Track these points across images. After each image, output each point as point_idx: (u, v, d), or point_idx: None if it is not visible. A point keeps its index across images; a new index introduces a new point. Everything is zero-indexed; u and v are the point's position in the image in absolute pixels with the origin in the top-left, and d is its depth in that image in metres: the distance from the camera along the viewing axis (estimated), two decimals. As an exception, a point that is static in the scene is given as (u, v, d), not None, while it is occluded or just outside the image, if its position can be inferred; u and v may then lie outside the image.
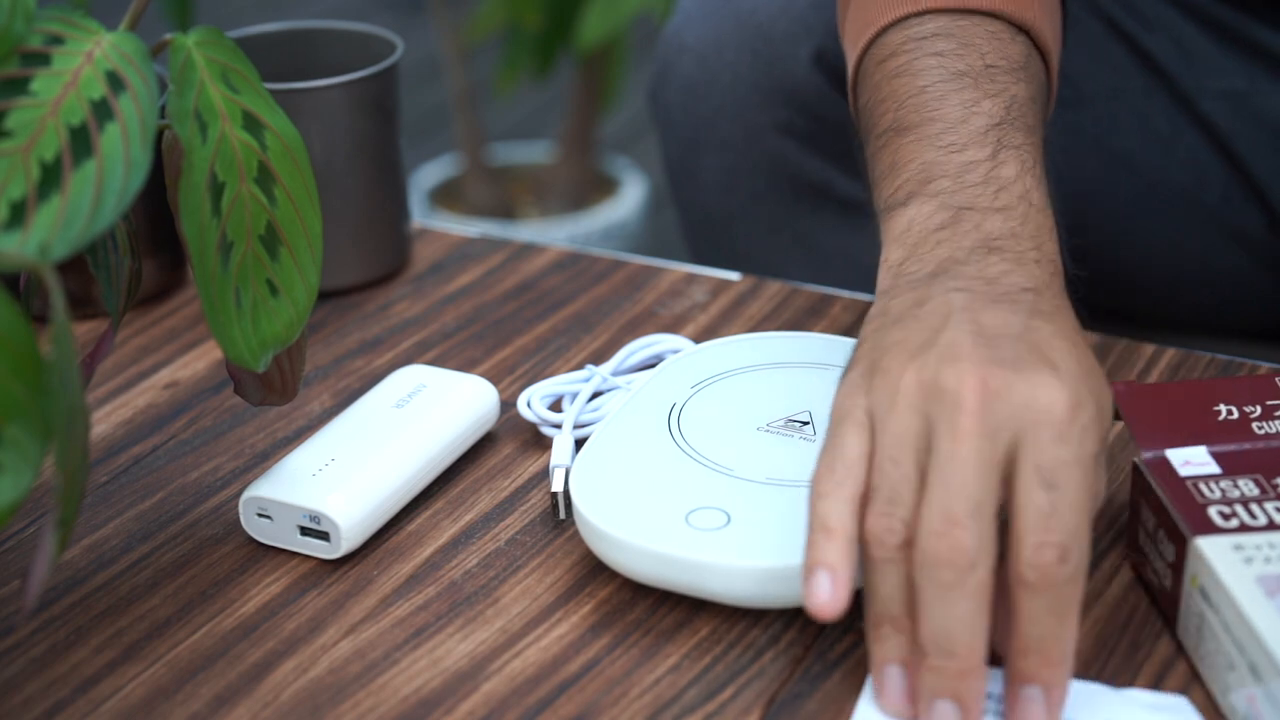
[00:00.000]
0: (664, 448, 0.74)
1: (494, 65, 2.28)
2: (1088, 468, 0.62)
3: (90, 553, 0.75)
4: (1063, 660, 0.61)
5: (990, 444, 0.62)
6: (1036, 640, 0.61)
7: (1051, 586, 0.60)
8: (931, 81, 0.76)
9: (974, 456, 0.62)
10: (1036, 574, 0.60)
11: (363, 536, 0.74)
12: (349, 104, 0.92)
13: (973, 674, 0.61)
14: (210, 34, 0.68)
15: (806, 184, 1.08)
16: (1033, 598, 0.61)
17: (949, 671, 0.61)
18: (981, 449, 0.62)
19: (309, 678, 0.68)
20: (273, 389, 0.74)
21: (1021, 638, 0.61)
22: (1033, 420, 0.62)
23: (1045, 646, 0.61)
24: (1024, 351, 0.64)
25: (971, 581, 0.60)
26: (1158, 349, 0.87)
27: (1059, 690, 0.61)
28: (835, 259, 1.09)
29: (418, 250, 0.99)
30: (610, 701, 0.66)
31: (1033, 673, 0.61)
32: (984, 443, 0.62)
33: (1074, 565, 0.61)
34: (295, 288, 0.70)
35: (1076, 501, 0.61)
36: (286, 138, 0.69)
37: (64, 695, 0.67)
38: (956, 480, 0.61)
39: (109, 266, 0.71)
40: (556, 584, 0.72)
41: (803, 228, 1.10)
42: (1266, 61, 1.04)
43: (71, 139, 0.61)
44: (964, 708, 0.61)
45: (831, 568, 0.62)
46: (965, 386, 0.63)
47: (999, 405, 0.62)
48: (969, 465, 0.62)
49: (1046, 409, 0.62)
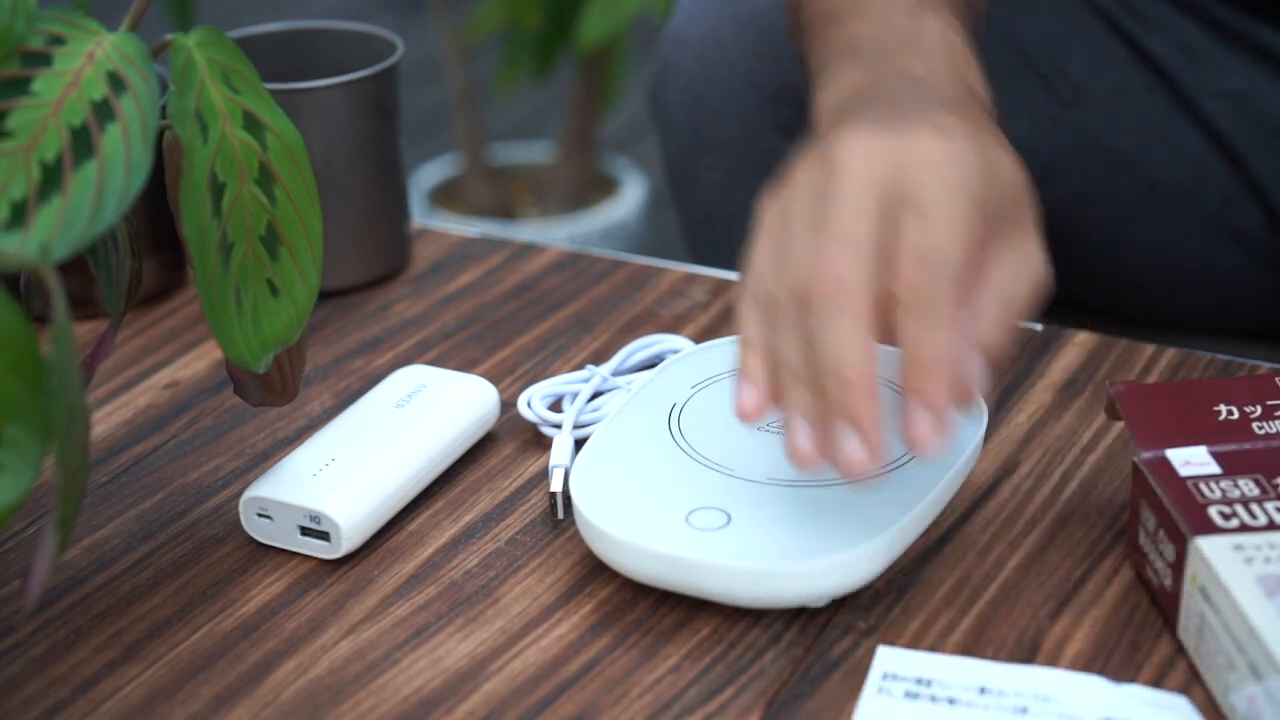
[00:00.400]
0: (664, 448, 0.74)
1: (494, 65, 2.28)
2: (961, 204, 0.66)
3: (90, 553, 0.75)
4: (941, 375, 0.65)
5: (868, 188, 0.66)
6: (916, 357, 0.65)
7: (924, 305, 0.64)
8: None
9: (849, 198, 0.66)
10: (909, 294, 0.64)
11: (363, 536, 0.74)
12: (349, 104, 0.92)
13: (865, 393, 0.64)
14: (211, 34, 0.68)
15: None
16: (908, 318, 0.65)
17: (840, 393, 0.64)
18: (858, 193, 0.66)
19: (309, 678, 0.68)
20: (273, 389, 0.74)
21: (906, 359, 0.65)
22: (913, 163, 0.67)
23: (924, 361, 0.65)
24: (914, 123, 0.69)
25: (850, 305, 0.64)
26: (1158, 349, 0.87)
27: (941, 401, 0.65)
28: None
29: (418, 250, 0.99)
30: (610, 701, 0.66)
31: (917, 387, 0.65)
32: (862, 187, 0.66)
33: (945, 285, 0.65)
34: (295, 288, 0.70)
35: (948, 230, 0.65)
36: (287, 138, 0.69)
37: (64, 695, 0.67)
38: (834, 221, 0.66)
39: (109, 267, 0.71)
40: (557, 584, 0.72)
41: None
42: (1267, 62, 1.04)
43: (73, 139, 0.61)
44: (860, 429, 0.64)
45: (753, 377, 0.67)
46: (850, 150, 0.67)
47: (879, 159, 0.67)
48: (845, 204, 0.66)
49: (927, 153, 0.67)
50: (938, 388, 0.65)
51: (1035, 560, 0.73)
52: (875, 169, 0.67)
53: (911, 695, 0.65)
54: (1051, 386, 0.84)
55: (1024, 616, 0.70)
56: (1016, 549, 0.73)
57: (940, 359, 0.65)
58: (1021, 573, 0.72)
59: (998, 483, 0.78)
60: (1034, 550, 0.73)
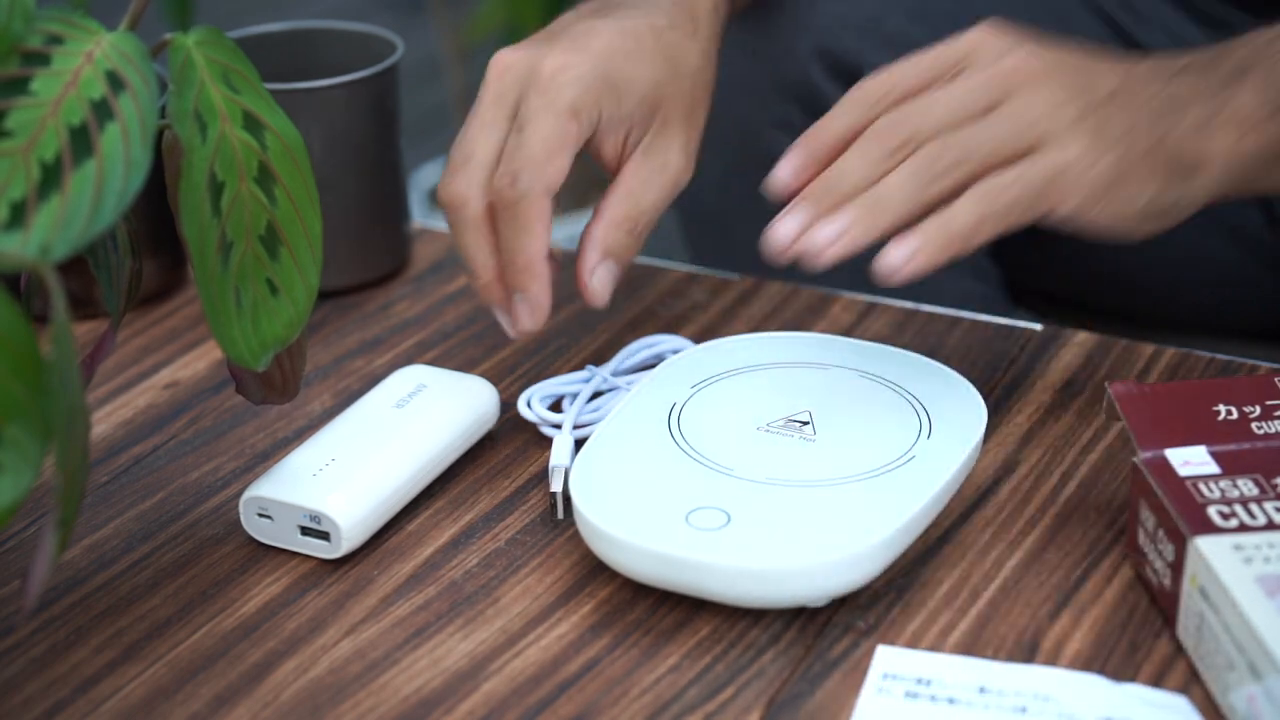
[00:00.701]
0: (664, 447, 0.74)
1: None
2: (557, 114, 0.77)
3: (90, 553, 0.75)
4: (527, 268, 0.78)
5: (495, 106, 0.78)
6: (507, 252, 0.78)
7: (506, 206, 0.77)
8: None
9: (476, 116, 0.79)
10: (496, 196, 0.77)
11: (363, 536, 0.74)
12: (349, 104, 0.92)
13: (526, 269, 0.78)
14: (210, 34, 0.68)
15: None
16: (499, 223, 0.77)
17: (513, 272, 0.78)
18: (484, 111, 0.79)
19: (309, 678, 0.68)
20: (274, 388, 0.74)
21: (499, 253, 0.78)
22: (531, 80, 0.78)
23: (513, 256, 0.78)
24: (559, 35, 0.80)
25: (466, 215, 0.78)
26: (1158, 349, 0.87)
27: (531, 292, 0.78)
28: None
29: (418, 250, 0.99)
30: (610, 701, 0.66)
31: (513, 283, 0.78)
32: (489, 107, 0.79)
33: (522, 188, 0.76)
34: (295, 287, 0.70)
35: (536, 139, 0.77)
36: (287, 138, 0.69)
37: (64, 695, 0.67)
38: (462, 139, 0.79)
39: (109, 266, 0.71)
40: (557, 584, 0.72)
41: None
42: None
43: (71, 139, 0.61)
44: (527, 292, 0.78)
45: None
46: (493, 64, 0.79)
47: (510, 74, 0.79)
48: (472, 123, 0.79)
49: (537, 71, 0.78)
50: (526, 282, 0.78)
51: (1035, 560, 0.73)
52: (506, 80, 0.79)
53: (911, 695, 0.65)
54: (1051, 386, 0.84)
55: (1023, 616, 0.70)
56: (1016, 549, 0.73)
57: (528, 258, 0.77)
58: (1021, 572, 0.72)
59: (998, 483, 0.78)
60: (1034, 550, 0.73)
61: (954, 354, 0.87)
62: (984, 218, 0.72)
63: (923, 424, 0.75)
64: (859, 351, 0.81)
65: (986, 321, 0.90)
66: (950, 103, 0.74)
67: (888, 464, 0.72)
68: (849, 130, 0.75)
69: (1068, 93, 0.74)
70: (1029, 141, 0.73)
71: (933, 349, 0.87)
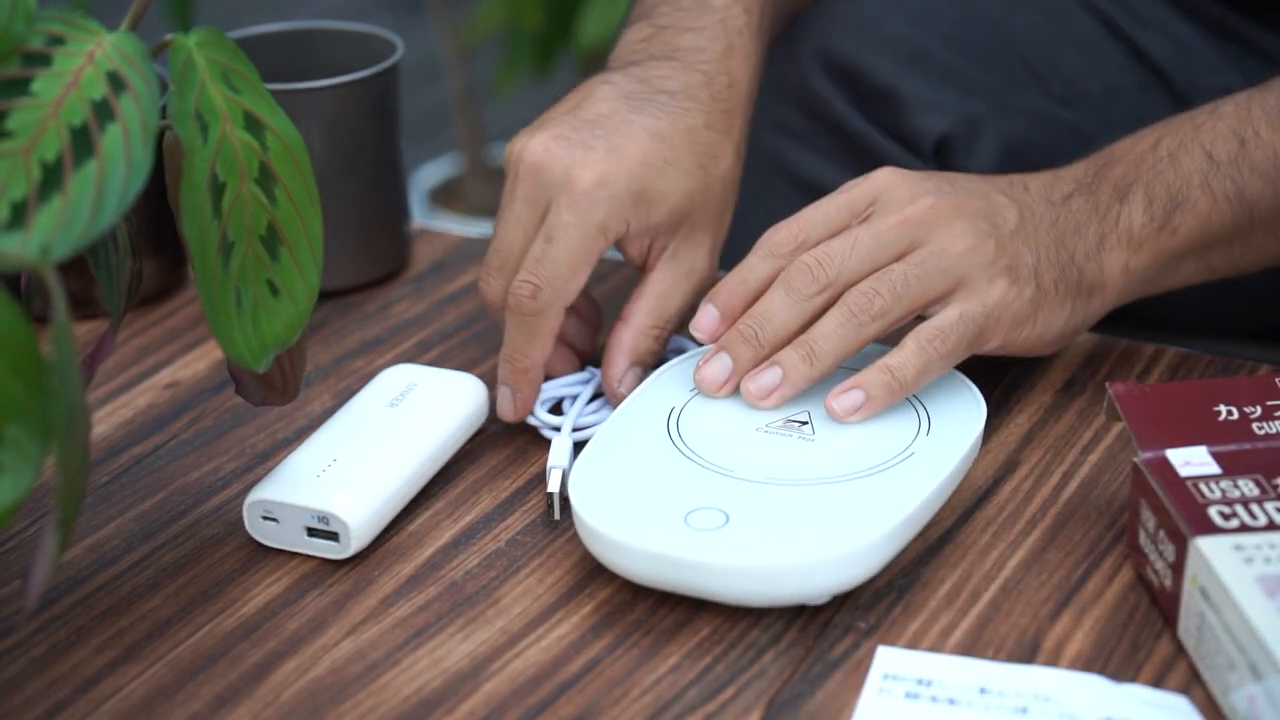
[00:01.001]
0: (663, 449, 0.74)
1: (494, 65, 2.27)
2: (586, 232, 0.78)
3: (91, 553, 0.75)
4: (526, 371, 0.80)
5: (528, 207, 0.79)
6: (511, 350, 0.80)
7: (522, 314, 0.79)
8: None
9: (510, 213, 0.80)
10: (513, 301, 0.79)
11: (371, 535, 0.74)
12: (349, 104, 0.92)
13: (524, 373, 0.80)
14: (211, 34, 0.68)
15: (803, 182, 1.08)
16: (511, 320, 0.79)
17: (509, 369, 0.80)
18: (520, 212, 0.79)
19: (310, 678, 0.68)
20: (274, 388, 0.74)
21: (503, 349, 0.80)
22: (561, 188, 0.79)
23: (516, 358, 0.80)
24: (591, 132, 0.80)
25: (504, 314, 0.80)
26: (1158, 349, 0.87)
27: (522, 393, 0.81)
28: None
29: (418, 250, 0.99)
30: (610, 702, 0.66)
31: (505, 377, 0.81)
32: (523, 207, 0.80)
33: (542, 302, 0.78)
34: (296, 288, 0.70)
35: (564, 256, 0.78)
36: (287, 138, 0.69)
37: (64, 695, 0.67)
38: (497, 238, 0.80)
39: (110, 267, 0.71)
40: (557, 584, 0.72)
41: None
42: (1261, 59, 1.04)
43: (72, 139, 0.61)
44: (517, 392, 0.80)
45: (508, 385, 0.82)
46: (523, 155, 0.80)
47: (542, 176, 0.79)
48: (507, 225, 0.80)
49: (571, 183, 0.78)
50: (524, 382, 0.80)
51: (1035, 560, 0.73)
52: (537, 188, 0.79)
53: (912, 696, 0.65)
54: (1051, 386, 0.84)
55: (1024, 616, 0.70)
56: (1016, 549, 0.73)
57: (530, 363, 0.80)
58: (1021, 573, 0.72)
59: (998, 483, 0.78)
60: (1034, 550, 0.73)
61: (954, 354, 0.87)
62: (928, 365, 0.75)
63: (921, 421, 0.75)
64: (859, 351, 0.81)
65: (987, 322, 0.90)
66: (869, 245, 0.76)
67: (886, 461, 0.72)
68: (765, 281, 0.78)
69: (978, 234, 0.77)
70: (951, 283, 0.76)
71: (933, 349, 0.87)
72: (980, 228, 0.77)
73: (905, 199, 0.77)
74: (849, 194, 0.79)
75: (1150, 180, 0.80)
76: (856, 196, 0.78)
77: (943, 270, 0.76)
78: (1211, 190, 0.80)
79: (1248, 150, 0.80)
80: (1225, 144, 0.80)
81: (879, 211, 0.77)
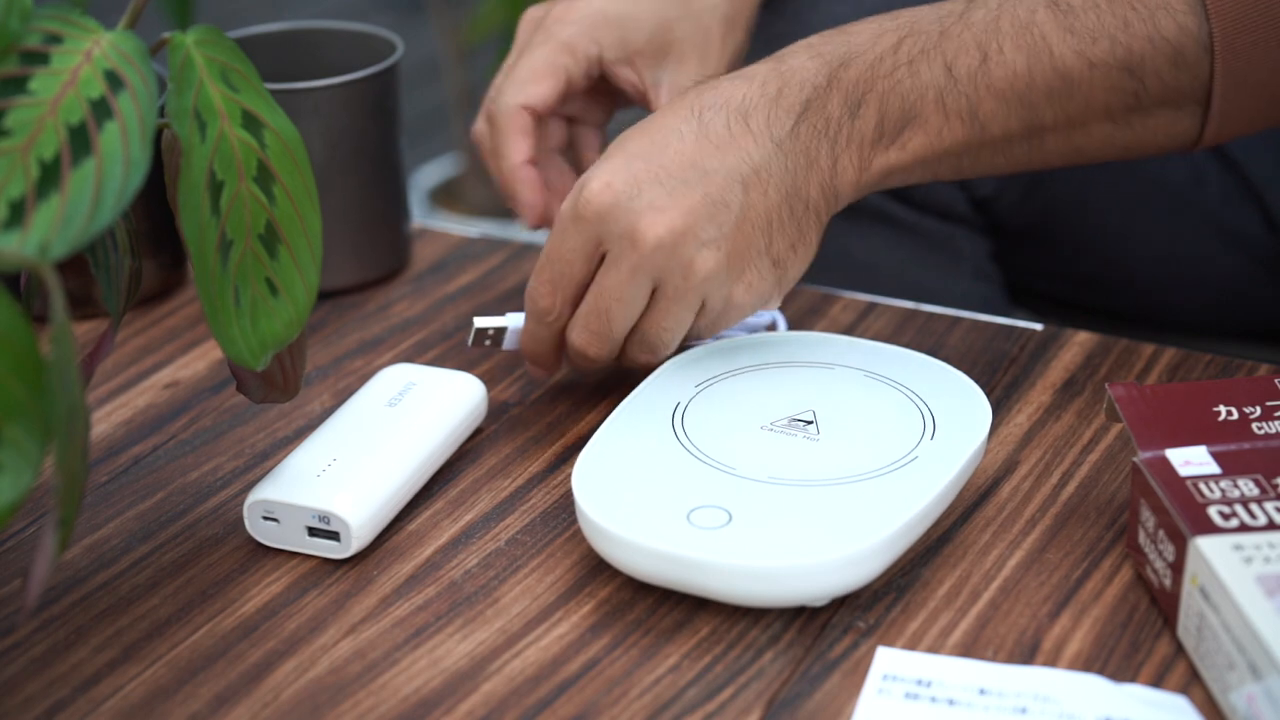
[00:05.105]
0: (667, 446, 0.74)
1: (494, 65, 2.27)
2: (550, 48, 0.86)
3: (91, 552, 0.75)
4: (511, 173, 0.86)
5: (583, 238, 0.77)
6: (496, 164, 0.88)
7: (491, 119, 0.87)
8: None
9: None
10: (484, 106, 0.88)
11: (372, 534, 0.74)
12: (349, 104, 0.92)
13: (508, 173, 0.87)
14: (209, 33, 0.68)
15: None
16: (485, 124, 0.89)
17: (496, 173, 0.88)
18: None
19: (309, 677, 0.68)
20: (275, 386, 0.73)
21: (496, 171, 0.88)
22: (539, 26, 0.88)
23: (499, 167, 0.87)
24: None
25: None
26: (1158, 349, 0.87)
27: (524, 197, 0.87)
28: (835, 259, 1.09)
29: (418, 250, 0.99)
30: (610, 701, 0.66)
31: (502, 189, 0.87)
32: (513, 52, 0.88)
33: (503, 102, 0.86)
34: (295, 287, 0.70)
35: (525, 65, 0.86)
36: (286, 137, 0.69)
37: (64, 695, 0.67)
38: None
39: (109, 266, 0.71)
40: (556, 584, 0.72)
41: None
42: None
43: (70, 138, 0.61)
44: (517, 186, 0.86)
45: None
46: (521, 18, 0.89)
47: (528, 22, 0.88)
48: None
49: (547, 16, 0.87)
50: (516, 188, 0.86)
51: (1035, 560, 0.73)
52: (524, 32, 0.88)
53: (911, 696, 0.65)
54: (1051, 386, 0.84)
55: (1024, 616, 0.70)
56: (1016, 549, 0.73)
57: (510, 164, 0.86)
58: (1021, 573, 0.72)
59: (998, 483, 0.78)
60: (1034, 550, 0.73)
61: (954, 354, 0.87)
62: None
63: (927, 424, 0.75)
64: (864, 351, 0.81)
65: (987, 321, 0.90)
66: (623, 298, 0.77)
67: (890, 464, 0.72)
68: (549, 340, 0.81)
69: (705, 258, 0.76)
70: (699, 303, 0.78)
71: (933, 349, 0.87)
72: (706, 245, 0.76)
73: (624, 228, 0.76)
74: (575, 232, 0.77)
75: (885, 91, 0.78)
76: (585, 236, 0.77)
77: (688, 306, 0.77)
78: (945, 107, 0.78)
79: (988, 67, 0.78)
80: (967, 57, 0.78)
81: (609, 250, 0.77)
